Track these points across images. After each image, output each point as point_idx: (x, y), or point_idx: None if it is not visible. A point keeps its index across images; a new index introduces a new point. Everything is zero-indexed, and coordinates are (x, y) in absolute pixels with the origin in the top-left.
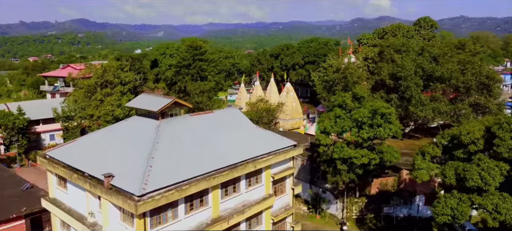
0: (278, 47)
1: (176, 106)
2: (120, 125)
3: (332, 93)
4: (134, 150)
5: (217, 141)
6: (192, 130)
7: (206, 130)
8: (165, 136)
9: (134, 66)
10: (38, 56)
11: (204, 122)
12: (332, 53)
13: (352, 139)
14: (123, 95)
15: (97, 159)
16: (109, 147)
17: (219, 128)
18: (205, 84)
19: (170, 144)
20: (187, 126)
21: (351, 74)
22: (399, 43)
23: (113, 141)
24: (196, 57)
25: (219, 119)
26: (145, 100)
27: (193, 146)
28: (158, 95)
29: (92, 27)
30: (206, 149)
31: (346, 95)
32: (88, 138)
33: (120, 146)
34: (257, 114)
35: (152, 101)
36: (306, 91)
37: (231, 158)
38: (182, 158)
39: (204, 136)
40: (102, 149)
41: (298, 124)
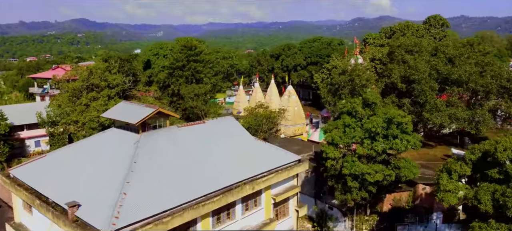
0: (279, 47)
1: (160, 116)
2: (95, 138)
3: (338, 98)
4: (108, 171)
5: (209, 158)
6: (179, 145)
7: (195, 144)
8: (145, 154)
9: (123, 68)
10: (36, 56)
11: (193, 135)
12: (336, 54)
13: (365, 152)
14: (110, 100)
15: (65, 181)
16: (80, 166)
17: (211, 142)
18: (200, 87)
19: (150, 163)
20: (173, 140)
21: (359, 76)
22: (410, 43)
23: (86, 158)
24: (191, 58)
25: (212, 131)
26: (124, 110)
27: (178, 166)
28: (140, 104)
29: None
30: (195, 168)
31: (355, 102)
32: (58, 154)
33: (92, 165)
34: (256, 122)
35: (131, 111)
36: (308, 94)
37: (224, 179)
38: (164, 181)
39: (192, 152)
40: (72, 168)
41: (301, 129)
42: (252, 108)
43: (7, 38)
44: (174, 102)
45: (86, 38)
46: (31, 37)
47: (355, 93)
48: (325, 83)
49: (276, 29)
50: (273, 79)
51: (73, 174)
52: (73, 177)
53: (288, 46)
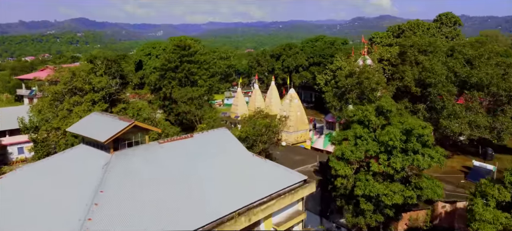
0: (280, 47)
1: (137, 131)
2: (60, 157)
3: (345, 102)
4: (68, 202)
5: (196, 183)
6: (159, 167)
7: (179, 165)
8: (115, 180)
9: (110, 70)
10: (35, 56)
11: (177, 153)
12: (340, 54)
13: (380, 169)
14: (95, 105)
15: (16, 214)
16: (38, 193)
17: (199, 162)
18: (194, 90)
19: (121, 192)
20: (152, 161)
21: (368, 79)
22: (424, 43)
23: (46, 183)
24: (184, 58)
25: (200, 147)
26: (93, 123)
27: (157, 194)
28: (114, 117)
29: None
30: (178, 197)
31: (368, 109)
32: (15, 177)
33: (51, 192)
34: (254, 132)
35: (101, 125)
36: (310, 96)
37: (215, 209)
38: (138, 216)
39: (176, 175)
40: (28, 196)
41: (304, 136)
42: (250, 115)
43: (7, 37)
44: (167, 107)
45: (85, 38)
46: (30, 36)
47: (364, 98)
48: (330, 86)
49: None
50: (273, 81)
51: (27, 205)
52: (27, 209)
53: (289, 46)
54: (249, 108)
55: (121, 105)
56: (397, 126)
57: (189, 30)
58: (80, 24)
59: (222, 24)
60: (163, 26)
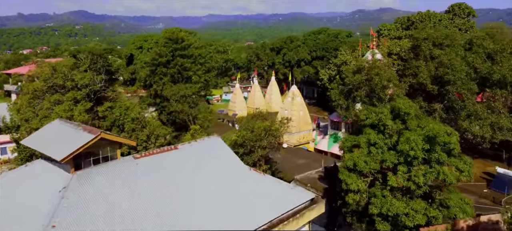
0: (280, 40)
1: (106, 144)
2: (13, 175)
3: (352, 101)
4: None
5: (178, 210)
6: (131, 190)
7: (158, 187)
8: (73, 210)
9: (96, 65)
10: (33, 49)
11: (156, 171)
12: (344, 47)
13: (400, 183)
14: (77, 104)
15: None
16: None
17: (184, 182)
18: (187, 87)
19: (78, 227)
20: (123, 182)
21: (379, 75)
22: (440, 35)
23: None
24: (177, 52)
25: (186, 162)
26: (53, 135)
27: (127, 226)
28: (77, 127)
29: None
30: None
31: (383, 112)
32: None
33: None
34: (253, 136)
35: (61, 137)
36: (312, 92)
37: None
38: None
39: (152, 201)
40: None
41: (307, 137)
42: (248, 115)
43: (5, 30)
44: (158, 105)
45: (84, 31)
46: (28, 29)
47: (374, 96)
48: (336, 83)
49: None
50: (273, 76)
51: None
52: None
53: (291, 39)
54: (248, 105)
55: (108, 104)
56: (417, 131)
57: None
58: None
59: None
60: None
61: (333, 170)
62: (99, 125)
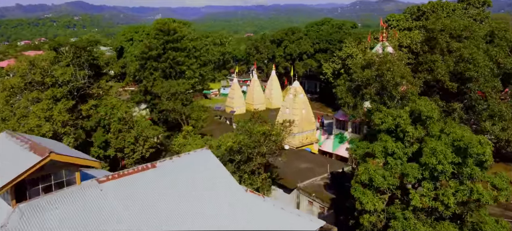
0: (281, 31)
1: (61, 166)
2: None
3: (360, 99)
4: None
5: None
6: (92, 227)
7: (128, 220)
8: None
9: (79, 59)
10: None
11: (126, 199)
12: (349, 39)
13: (425, 203)
14: (57, 102)
15: None
16: None
17: (162, 213)
18: (180, 83)
19: None
20: (82, 216)
21: (392, 71)
22: (458, 26)
23: None
24: (168, 45)
25: (165, 186)
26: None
27: None
28: (24, 145)
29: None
30: None
31: (401, 115)
32: None
33: None
34: (251, 143)
35: (2, 158)
36: (315, 86)
37: None
38: None
39: None
40: None
41: (310, 138)
42: (245, 119)
43: (3, 21)
44: (149, 102)
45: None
46: (26, 20)
47: (385, 94)
48: (343, 79)
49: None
50: (274, 70)
51: None
52: None
53: (292, 30)
54: (246, 101)
55: (92, 102)
56: (442, 139)
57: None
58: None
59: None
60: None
61: (340, 176)
62: (83, 125)
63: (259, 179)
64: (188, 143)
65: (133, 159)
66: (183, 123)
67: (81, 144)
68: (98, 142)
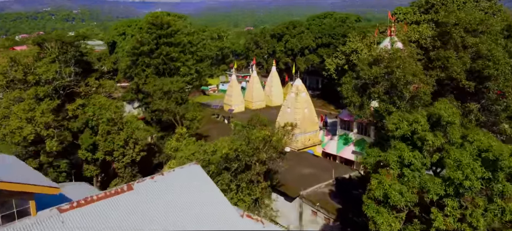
0: (282, 25)
1: (11, 195)
2: None
3: (367, 98)
4: None
5: None
6: None
7: None
8: None
9: (65, 55)
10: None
11: None
12: (353, 33)
13: (450, 225)
14: (40, 102)
15: None
16: None
17: None
18: (173, 81)
19: None
20: None
21: (402, 69)
22: (473, 20)
23: None
24: (161, 40)
25: (143, 213)
26: None
27: None
28: None
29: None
30: None
31: (419, 120)
32: None
33: None
34: (249, 150)
35: None
36: (316, 82)
37: None
38: None
39: None
40: None
41: (313, 139)
42: (243, 122)
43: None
44: (141, 101)
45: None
46: (25, 13)
47: (395, 93)
48: (349, 77)
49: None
50: (274, 66)
51: None
52: None
53: (293, 24)
54: (246, 98)
55: (79, 101)
56: (466, 148)
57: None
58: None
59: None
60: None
61: (346, 183)
62: (69, 127)
63: (258, 189)
64: (181, 146)
65: (123, 163)
66: (177, 123)
67: (68, 147)
68: (85, 144)
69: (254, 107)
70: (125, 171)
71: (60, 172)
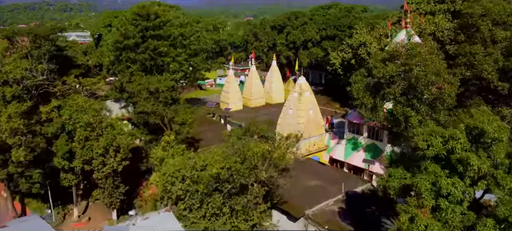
0: (283, 16)
1: None
2: None
3: (381, 99)
4: None
5: None
6: None
7: None
8: None
9: (39, 50)
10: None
11: None
12: (360, 24)
13: None
14: (8, 105)
15: None
16: None
17: None
18: (161, 80)
19: None
20: None
21: (424, 66)
22: (502, 11)
23: None
24: (148, 32)
25: None
26: None
27: None
28: None
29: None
30: None
31: (456, 135)
32: None
33: None
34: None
35: None
36: (319, 77)
37: None
38: None
39: None
40: None
41: (318, 144)
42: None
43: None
44: (126, 101)
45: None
46: (22, 4)
47: (416, 95)
48: (360, 75)
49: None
50: (275, 60)
51: None
52: None
53: (295, 15)
54: (244, 95)
55: (55, 102)
56: None
57: None
58: None
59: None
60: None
61: (358, 198)
62: (42, 132)
63: (256, 213)
64: (167, 156)
65: (103, 173)
66: (166, 127)
67: (42, 154)
68: (61, 151)
69: (253, 105)
70: (106, 182)
71: (32, 182)
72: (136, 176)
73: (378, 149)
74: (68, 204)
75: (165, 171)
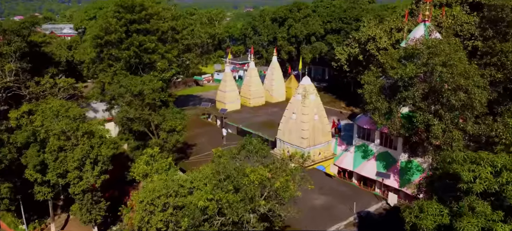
0: (284, 8)
1: None
2: None
3: (397, 103)
4: None
5: None
6: None
7: None
8: None
9: (10, 47)
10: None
11: None
12: (368, 17)
13: None
14: None
15: None
16: None
17: None
18: (145, 81)
19: None
20: None
21: (449, 68)
22: None
23: None
24: (133, 26)
25: None
26: None
27: None
28: None
29: None
30: None
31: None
32: None
33: None
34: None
35: None
36: (322, 72)
37: None
38: None
39: None
40: None
41: (324, 153)
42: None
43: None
44: (109, 103)
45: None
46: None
47: (440, 100)
48: (373, 75)
49: None
50: (275, 55)
51: None
52: None
53: (298, 6)
54: (242, 94)
55: (27, 106)
56: None
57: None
58: None
59: None
60: None
61: (372, 220)
62: (11, 141)
63: None
64: (151, 171)
65: (80, 188)
66: (152, 134)
67: (12, 165)
68: (32, 163)
69: (251, 104)
70: (84, 197)
71: (1, 198)
72: (123, 183)
73: (392, 158)
74: (46, 216)
75: (142, 197)
